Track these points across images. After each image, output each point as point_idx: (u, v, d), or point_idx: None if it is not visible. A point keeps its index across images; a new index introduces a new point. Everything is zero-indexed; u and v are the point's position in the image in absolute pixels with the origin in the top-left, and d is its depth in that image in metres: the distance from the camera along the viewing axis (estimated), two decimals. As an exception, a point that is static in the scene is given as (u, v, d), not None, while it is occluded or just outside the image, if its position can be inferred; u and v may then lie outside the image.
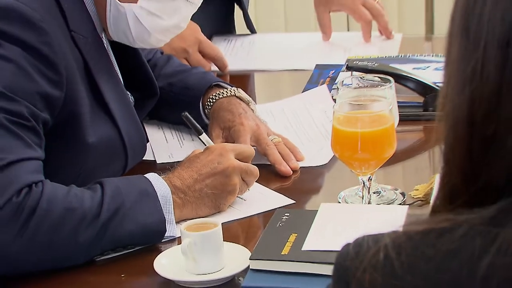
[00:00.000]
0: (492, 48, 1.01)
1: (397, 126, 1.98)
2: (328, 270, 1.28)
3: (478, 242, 0.98)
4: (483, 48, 1.02)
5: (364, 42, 2.80)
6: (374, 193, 1.98)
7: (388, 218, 1.16)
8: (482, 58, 1.02)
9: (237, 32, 3.04)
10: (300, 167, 2.16)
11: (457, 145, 1.06)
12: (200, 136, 2.16)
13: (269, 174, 2.10)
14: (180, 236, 1.83)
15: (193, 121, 2.21)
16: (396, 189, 2.02)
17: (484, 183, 1.02)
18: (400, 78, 2.29)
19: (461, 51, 1.06)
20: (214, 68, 2.61)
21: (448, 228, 1.02)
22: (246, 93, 2.35)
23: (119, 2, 2.08)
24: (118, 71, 2.20)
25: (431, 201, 1.14)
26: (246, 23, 3.02)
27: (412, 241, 1.03)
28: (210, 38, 2.73)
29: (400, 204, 1.97)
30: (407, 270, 1.01)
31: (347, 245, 1.05)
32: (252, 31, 3.04)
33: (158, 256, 1.79)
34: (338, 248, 1.07)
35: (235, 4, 3.02)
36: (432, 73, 2.41)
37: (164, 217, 1.90)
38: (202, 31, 2.71)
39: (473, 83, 1.03)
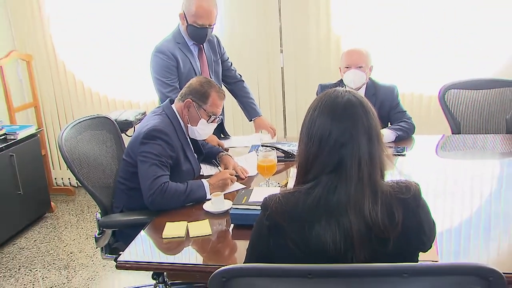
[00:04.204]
0: (316, 143, 1.04)
1: (277, 163, 1.99)
2: (258, 208, 1.34)
3: (305, 196, 1.02)
4: (312, 143, 1.05)
5: (271, 138, 2.67)
6: (270, 183, 1.98)
7: (274, 191, 1.19)
8: (312, 145, 1.05)
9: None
10: (247, 176, 2.12)
11: (300, 168, 1.08)
12: (218, 167, 2.17)
13: (238, 178, 2.05)
14: (211, 198, 1.79)
15: (216, 161, 2.22)
16: (277, 182, 2.01)
17: (308, 178, 1.05)
18: (277, 148, 2.26)
19: (306, 142, 1.07)
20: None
21: (297, 191, 1.05)
22: (229, 154, 2.27)
23: (192, 126, 2.03)
24: (191, 146, 2.11)
25: (292, 185, 1.13)
26: (224, 135, 2.81)
27: (287, 194, 1.05)
28: None
29: (277, 187, 1.95)
30: (286, 203, 1.03)
31: (265, 197, 1.07)
32: (226, 137, 2.82)
33: (204, 204, 1.81)
34: (261, 200, 1.08)
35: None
36: (288, 147, 2.32)
37: (206, 192, 1.87)
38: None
39: (307, 153, 1.06)
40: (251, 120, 2.82)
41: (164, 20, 3.56)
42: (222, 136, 2.81)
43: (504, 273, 0.86)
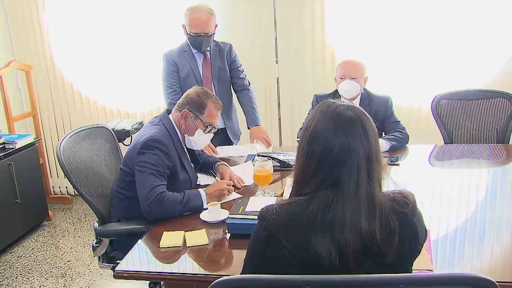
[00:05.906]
0: (314, 159, 1.03)
1: (273, 172, 2.00)
2: (255, 217, 1.31)
3: (301, 208, 1.02)
4: (312, 158, 1.04)
5: (265, 148, 2.63)
6: (266, 193, 1.99)
7: (270, 201, 1.23)
8: (311, 160, 1.04)
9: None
10: (243, 185, 2.11)
11: (298, 180, 1.08)
12: (215, 177, 2.17)
13: (234, 188, 2.03)
14: (208, 207, 1.79)
15: (213, 172, 2.22)
16: (273, 192, 2.01)
17: (305, 191, 1.04)
18: (273, 158, 2.28)
19: (306, 155, 1.05)
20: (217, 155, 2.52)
21: (293, 201, 1.04)
22: (227, 163, 2.28)
23: (188, 136, 2.02)
24: (188, 156, 2.11)
25: (288, 195, 1.12)
26: (232, 140, 2.86)
27: (283, 205, 1.05)
28: (216, 147, 2.65)
29: (274, 196, 1.97)
30: (283, 214, 1.02)
31: (262, 208, 1.06)
32: (230, 144, 2.87)
33: (201, 213, 1.80)
34: (258, 210, 1.07)
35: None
36: (284, 157, 2.34)
37: (202, 202, 1.86)
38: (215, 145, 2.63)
39: (306, 169, 1.05)
40: (249, 128, 2.82)
41: (161, 32, 3.58)
42: (231, 140, 2.85)
43: (497, 282, 0.86)
